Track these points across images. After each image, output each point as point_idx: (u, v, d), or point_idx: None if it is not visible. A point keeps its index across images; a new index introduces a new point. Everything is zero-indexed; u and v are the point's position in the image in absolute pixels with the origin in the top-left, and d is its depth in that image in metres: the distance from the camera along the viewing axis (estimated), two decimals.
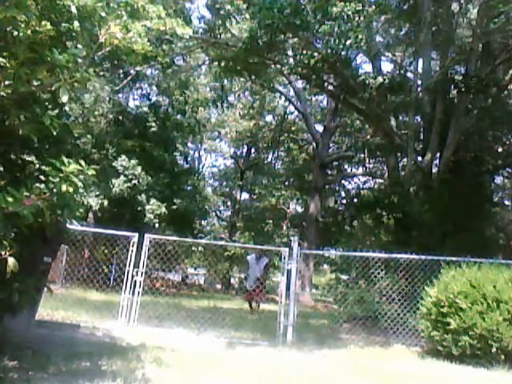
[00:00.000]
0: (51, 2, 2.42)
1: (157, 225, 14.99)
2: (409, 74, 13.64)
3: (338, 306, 8.83)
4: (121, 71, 14.48)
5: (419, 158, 11.91)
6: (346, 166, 22.30)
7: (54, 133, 2.67)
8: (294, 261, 6.77)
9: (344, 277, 10.88)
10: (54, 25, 2.52)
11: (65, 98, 2.33)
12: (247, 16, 11.48)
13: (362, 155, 19.14)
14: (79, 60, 2.62)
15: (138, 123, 17.02)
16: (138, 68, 12.85)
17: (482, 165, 13.18)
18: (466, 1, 11.65)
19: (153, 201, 15.08)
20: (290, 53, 12.23)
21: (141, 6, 2.88)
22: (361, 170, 21.38)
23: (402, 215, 10.81)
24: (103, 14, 2.56)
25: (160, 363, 4.04)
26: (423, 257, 7.20)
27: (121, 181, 14.64)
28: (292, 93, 20.39)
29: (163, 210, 15.02)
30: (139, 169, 15.07)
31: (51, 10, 2.49)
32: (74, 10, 2.48)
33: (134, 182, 15.02)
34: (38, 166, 3.02)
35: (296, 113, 22.71)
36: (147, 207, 14.99)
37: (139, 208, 15.19)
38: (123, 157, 15.13)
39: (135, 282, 6.52)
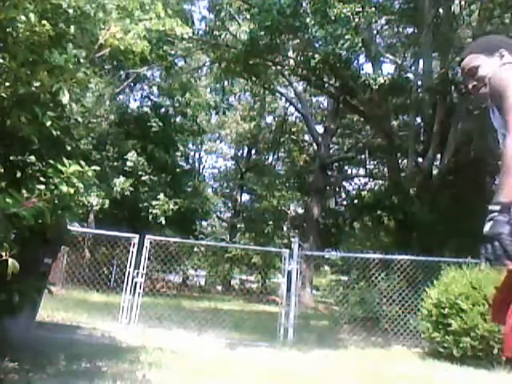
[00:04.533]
0: (50, 3, 2.42)
1: (163, 221, 15.08)
2: (409, 75, 13.64)
3: (339, 307, 8.82)
4: (122, 72, 14.50)
5: (420, 159, 11.92)
6: (346, 168, 22.31)
7: (55, 134, 2.67)
8: (294, 262, 6.77)
9: (344, 278, 10.88)
10: (53, 26, 2.52)
11: (65, 99, 2.33)
12: (248, 17, 11.50)
13: (363, 156, 19.14)
14: (82, 60, 2.63)
15: (139, 124, 17.04)
16: (138, 69, 12.86)
17: (482, 166, 13.17)
18: (467, 2, 11.66)
19: (160, 195, 15.20)
20: (290, 54, 12.24)
21: (135, 10, 2.85)
22: (361, 171, 21.38)
23: (402, 216, 10.80)
24: (101, 15, 2.56)
25: (160, 364, 4.03)
26: (424, 258, 7.19)
27: (122, 180, 14.68)
28: (292, 94, 20.40)
29: (171, 206, 15.11)
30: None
31: (49, 12, 2.49)
32: (71, 11, 2.47)
33: (143, 178, 15.20)
34: (38, 167, 3.01)
35: (296, 114, 22.71)
36: (154, 202, 15.09)
37: (142, 206, 15.24)
38: (132, 152, 15.24)
39: (135, 283, 6.52)
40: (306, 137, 23.64)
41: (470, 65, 1.89)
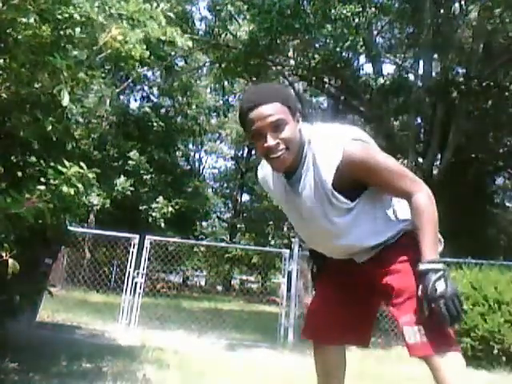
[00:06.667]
0: (52, 5, 2.43)
1: (163, 224, 15.06)
2: (409, 76, 13.63)
3: None
4: (122, 73, 14.52)
5: (420, 160, 11.91)
6: None
7: (54, 137, 2.67)
8: (294, 262, 6.77)
9: None
10: (54, 28, 2.53)
11: (66, 101, 2.33)
12: (248, 17, 11.50)
13: None
14: (84, 60, 2.63)
15: (140, 124, 17.06)
16: (139, 70, 12.87)
17: (482, 166, 13.17)
18: (467, 2, 11.66)
19: (159, 198, 15.18)
20: (290, 54, 12.24)
21: (142, 22, 2.83)
22: None
23: None
24: (104, 22, 2.55)
25: (161, 365, 4.04)
26: None
27: (123, 180, 14.69)
28: None
29: (170, 208, 15.10)
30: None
31: (51, 14, 2.49)
32: (77, 16, 2.47)
33: (145, 177, 15.21)
34: (39, 167, 3.02)
35: None
36: (153, 205, 15.08)
37: (142, 207, 15.24)
38: (134, 151, 15.27)
39: (136, 283, 6.52)
40: None
41: (278, 116, 1.51)
